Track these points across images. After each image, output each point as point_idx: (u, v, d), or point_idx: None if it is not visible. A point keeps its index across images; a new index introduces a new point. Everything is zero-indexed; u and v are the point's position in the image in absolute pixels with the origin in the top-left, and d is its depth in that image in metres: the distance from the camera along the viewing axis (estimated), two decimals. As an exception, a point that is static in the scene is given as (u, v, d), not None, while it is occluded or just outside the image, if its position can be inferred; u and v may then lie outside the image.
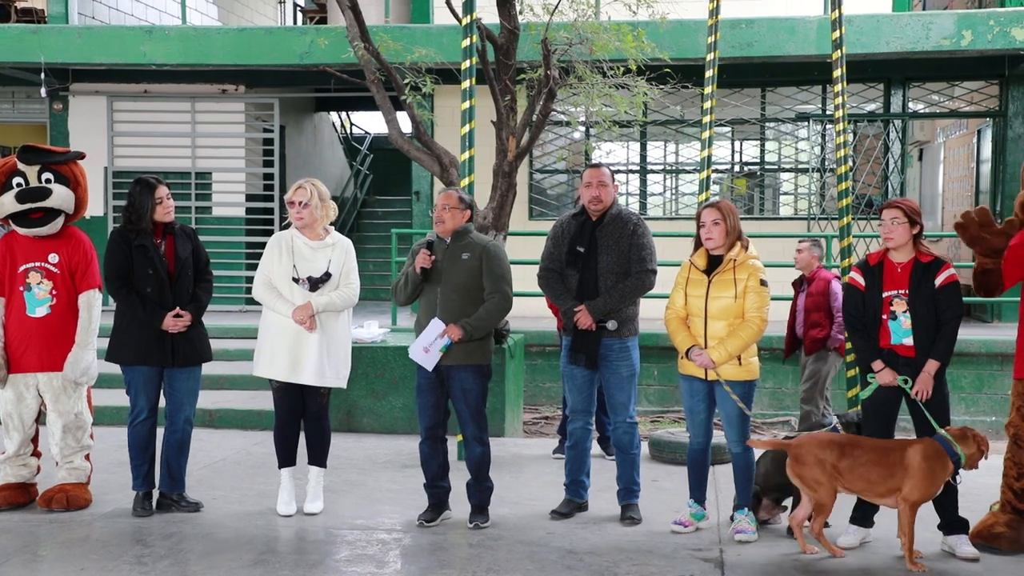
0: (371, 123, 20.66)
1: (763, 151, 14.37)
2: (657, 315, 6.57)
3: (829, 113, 12.79)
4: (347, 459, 7.51)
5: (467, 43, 7.22)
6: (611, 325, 5.85)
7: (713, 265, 5.65)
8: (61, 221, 6.12)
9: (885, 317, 5.42)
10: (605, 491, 6.29)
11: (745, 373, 5.62)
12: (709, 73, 7.87)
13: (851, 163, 7.92)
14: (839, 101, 7.54)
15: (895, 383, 5.37)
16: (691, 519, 5.80)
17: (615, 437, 6.08)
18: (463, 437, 6.02)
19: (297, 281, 5.89)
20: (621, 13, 9.46)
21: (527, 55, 9.36)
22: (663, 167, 14.43)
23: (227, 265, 13.39)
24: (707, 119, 7.86)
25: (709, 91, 7.87)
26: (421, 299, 5.87)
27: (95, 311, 6.13)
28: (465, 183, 7.28)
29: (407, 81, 9.13)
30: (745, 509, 5.69)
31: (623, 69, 8.99)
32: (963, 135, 15.13)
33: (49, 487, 6.15)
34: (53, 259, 6.06)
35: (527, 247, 10.47)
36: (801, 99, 13.71)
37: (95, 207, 13.45)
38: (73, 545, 5.48)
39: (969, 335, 10.45)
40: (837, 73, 7.52)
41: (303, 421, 6.11)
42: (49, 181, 6.09)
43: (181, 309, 5.94)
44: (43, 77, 12.81)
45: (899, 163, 13.61)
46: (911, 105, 13.60)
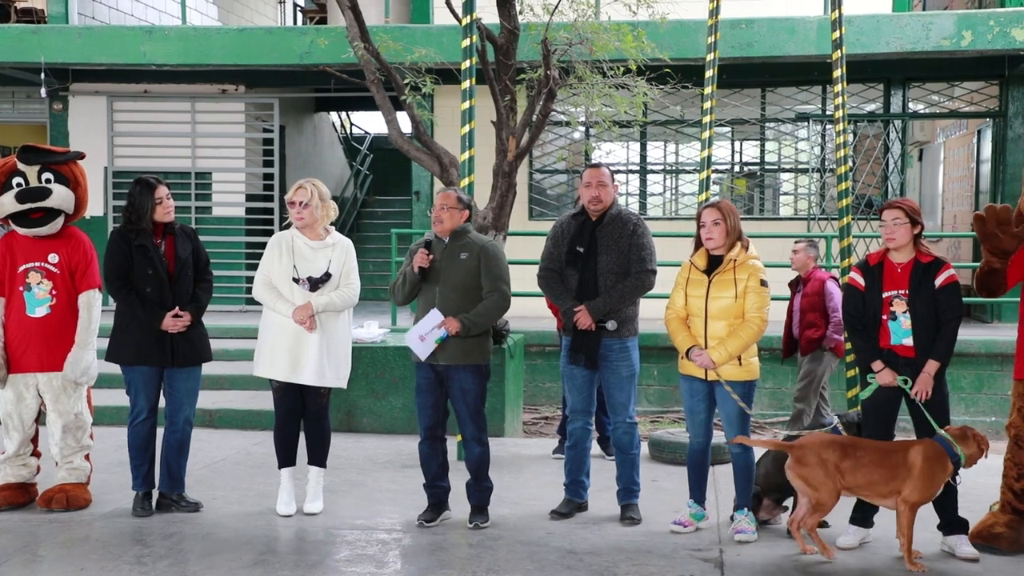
0: (371, 123, 20.66)
1: (763, 151, 14.37)
2: (657, 315, 6.56)
3: (829, 113, 12.79)
4: (347, 459, 7.51)
5: (467, 43, 7.21)
6: (611, 325, 5.84)
7: (713, 265, 5.65)
8: (61, 221, 6.12)
9: (885, 317, 5.42)
10: (605, 491, 6.28)
11: (745, 373, 5.62)
12: (709, 73, 7.86)
13: (851, 163, 7.91)
14: (839, 101, 7.54)
15: (895, 383, 5.37)
16: (691, 519, 5.80)
17: (615, 437, 6.08)
18: (462, 437, 6.02)
19: (297, 281, 5.89)
20: (621, 13, 9.45)
21: (527, 55, 9.36)
22: (663, 167, 14.43)
23: (227, 265, 13.38)
24: (707, 119, 7.85)
25: (709, 91, 7.87)
26: (419, 299, 5.87)
27: (95, 311, 6.13)
28: (465, 183, 7.28)
29: (407, 81, 9.13)
30: (745, 509, 5.69)
31: (623, 69, 8.99)
32: (963, 135, 15.13)
33: (49, 487, 6.15)
34: (53, 259, 6.06)
35: (527, 247, 10.47)
36: (801, 99, 13.71)
37: (95, 207, 13.45)
38: (73, 545, 5.48)
39: (969, 335, 10.45)
40: (837, 73, 7.52)
41: (303, 421, 6.12)
42: (49, 181, 6.09)
43: (181, 309, 5.93)
44: (43, 77, 12.81)
45: (899, 163, 13.61)
46: (911, 105, 13.60)
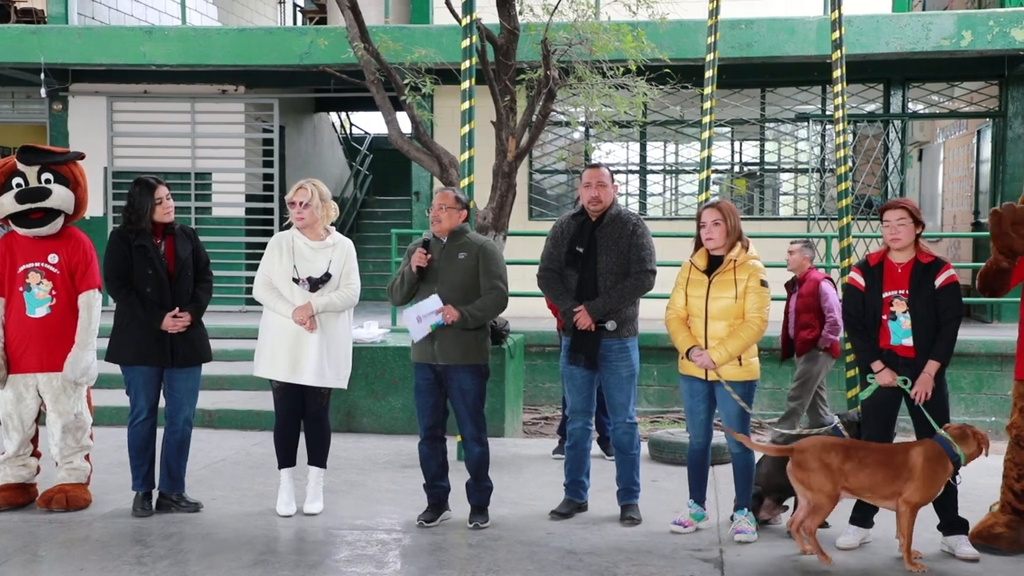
0: (371, 123, 20.65)
1: (763, 151, 14.37)
2: (657, 315, 6.56)
3: (829, 113, 12.79)
4: (347, 459, 7.51)
5: (467, 43, 7.21)
6: (610, 325, 5.84)
7: (713, 265, 5.65)
8: (61, 221, 6.11)
9: (885, 317, 5.42)
10: (605, 491, 6.28)
11: (745, 373, 5.62)
12: (709, 73, 7.86)
13: (851, 163, 7.90)
14: (839, 101, 7.53)
15: (895, 384, 5.37)
16: (691, 519, 5.80)
17: (615, 437, 6.07)
18: (462, 437, 6.02)
19: (297, 281, 5.89)
20: (621, 13, 9.45)
21: (527, 55, 9.35)
22: (663, 167, 14.43)
23: (227, 265, 13.39)
24: (707, 119, 7.85)
25: (709, 91, 7.86)
26: (417, 298, 5.87)
27: (95, 311, 6.13)
28: (465, 183, 7.28)
29: (407, 81, 9.13)
30: (745, 509, 5.69)
31: (623, 69, 8.99)
32: (963, 135, 15.13)
33: (49, 487, 6.15)
34: (53, 259, 6.06)
35: (527, 247, 10.47)
36: (801, 99, 13.71)
37: (95, 207, 13.44)
38: (73, 545, 5.48)
39: (969, 335, 10.45)
40: (837, 73, 7.52)
41: (303, 421, 6.12)
42: (49, 181, 6.09)
43: (181, 309, 5.93)
44: (43, 77, 12.81)
45: (899, 163, 13.61)
46: (911, 105, 13.60)
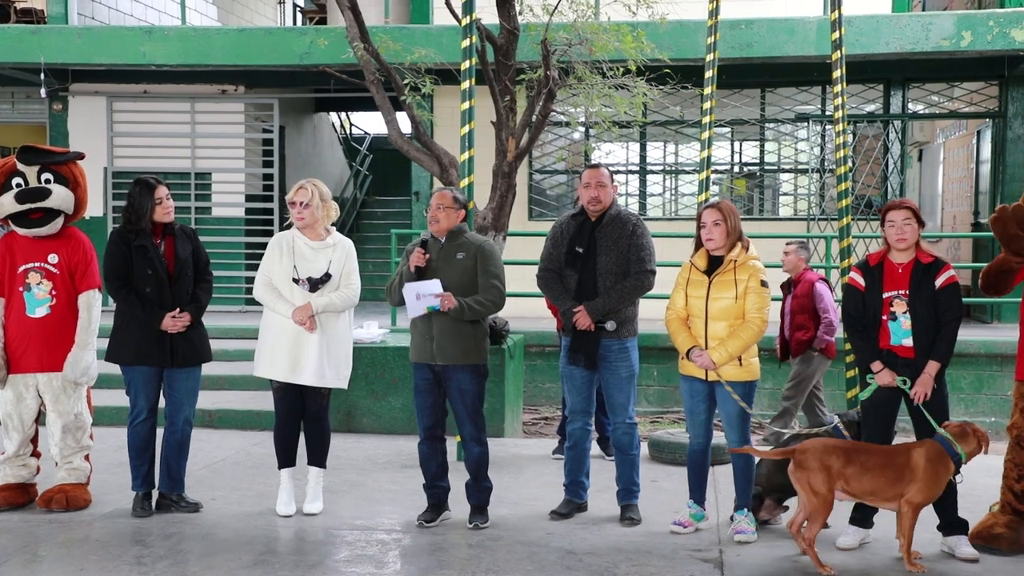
0: (371, 123, 20.65)
1: (763, 152, 14.36)
2: (657, 315, 6.56)
3: (829, 114, 12.78)
4: (347, 459, 7.51)
5: (467, 44, 7.21)
6: (610, 326, 5.84)
7: (714, 266, 5.65)
8: (61, 221, 6.12)
9: (885, 318, 5.42)
10: (604, 492, 6.28)
11: (746, 374, 5.62)
12: (709, 74, 7.86)
13: (851, 164, 7.90)
14: (839, 102, 7.53)
15: (894, 384, 5.37)
16: (691, 520, 5.79)
17: (614, 438, 6.07)
18: (461, 437, 6.01)
19: (297, 282, 5.89)
20: (621, 14, 9.45)
21: (527, 56, 9.35)
22: (663, 168, 14.43)
23: (227, 265, 13.39)
24: (707, 120, 7.85)
25: (709, 92, 7.86)
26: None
27: (95, 311, 6.13)
28: (465, 184, 7.27)
29: (407, 82, 9.13)
30: (745, 510, 5.69)
31: (623, 70, 8.99)
32: (963, 136, 15.13)
33: (49, 487, 6.15)
34: (53, 259, 6.06)
35: (527, 248, 10.47)
36: (801, 100, 13.71)
37: (95, 207, 13.43)
38: (73, 545, 5.48)
39: (969, 336, 10.45)
40: (837, 74, 7.51)
41: (303, 422, 6.11)
42: (49, 181, 6.09)
43: (181, 310, 5.93)
44: (43, 77, 12.81)
45: (899, 164, 13.61)
46: (911, 106, 13.59)
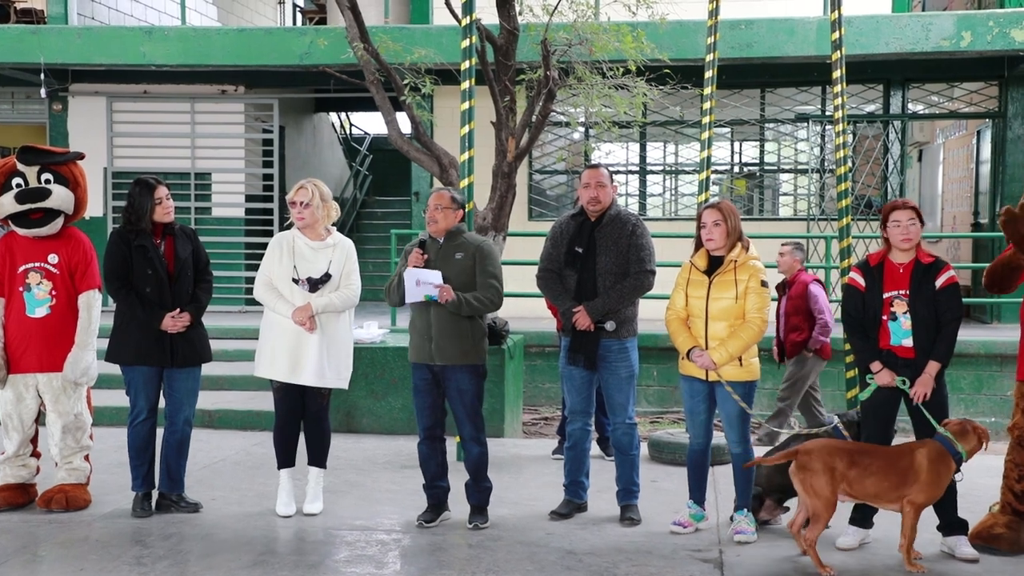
0: (370, 124, 20.65)
1: (762, 152, 14.36)
2: (656, 316, 6.56)
3: (828, 114, 12.79)
4: (346, 460, 7.51)
5: (466, 44, 7.21)
6: (609, 326, 5.84)
7: (714, 266, 5.65)
8: (61, 222, 6.11)
9: (885, 318, 5.42)
10: (604, 492, 6.28)
11: (746, 374, 5.61)
12: (708, 74, 7.86)
13: (850, 164, 7.89)
14: (838, 102, 7.53)
15: (894, 384, 5.37)
16: (690, 520, 5.79)
17: (614, 438, 6.07)
18: (460, 438, 6.01)
19: (297, 282, 5.88)
20: (620, 14, 9.45)
21: (526, 56, 9.36)
22: (662, 168, 14.43)
23: (227, 266, 13.39)
24: (706, 120, 7.85)
25: (708, 92, 7.86)
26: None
27: (95, 311, 6.13)
28: (464, 184, 7.27)
29: (406, 82, 9.13)
30: (744, 510, 5.69)
31: (622, 70, 8.99)
32: (962, 136, 15.13)
33: (48, 488, 6.15)
34: (53, 259, 6.05)
35: (526, 248, 10.47)
36: (800, 100, 13.71)
37: (95, 208, 13.42)
38: (72, 546, 5.48)
39: (968, 336, 10.45)
40: (836, 74, 7.51)
41: (303, 422, 6.11)
42: (49, 182, 6.09)
43: (181, 310, 5.93)
44: (43, 78, 12.82)
45: (898, 164, 13.61)
46: (910, 106, 13.60)
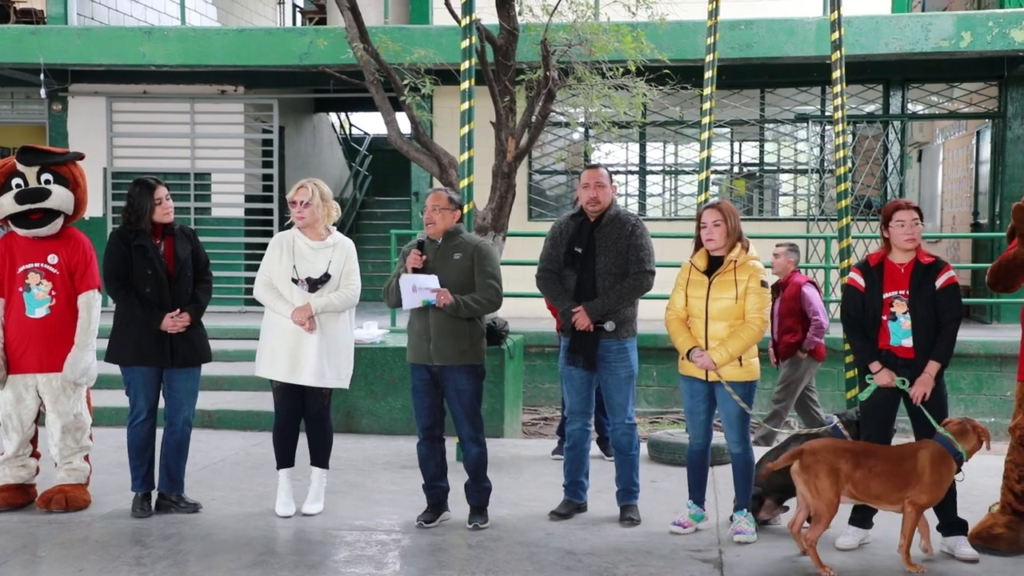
0: (370, 124, 20.64)
1: (762, 152, 14.37)
2: (656, 316, 6.56)
3: (828, 114, 12.79)
4: (346, 460, 7.51)
5: (466, 44, 7.21)
6: (609, 326, 5.84)
7: (714, 266, 5.65)
8: (60, 222, 6.11)
9: (885, 318, 5.42)
10: (604, 492, 6.28)
11: (746, 374, 5.61)
12: (708, 74, 7.86)
13: (850, 164, 7.89)
14: (838, 102, 7.53)
15: (893, 384, 5.37)
16: (690, 520, 5.79)
17: (614, 438, 6.07)
18: (459, 438, 6.01)
19: (296, 282, 5.88)
20: (620, 14, 9.45)
21: (526, 56, 9.36)
22: (662, 168, 14.43)
23: (226, 266, 13.39)
24: (706, 120, 7.84)
25: (708, 92, 7.86)
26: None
27: (94, 312, 6.13)
28: (464, 184, 7.27)
29: (406, 82, 9.13)
30: (744, 510, 5.69)
31: (622, 70, 8.99)
32: (962, 136, 15.14)
33: (48, 488, 6.15)
34: (52, 260, 6.05)
35: (526, 248, 10.46)
36: (800, 100, 13.71)
37: (94, 208, 13.41)
38: (72, 546, 5.47)
39: (968, 336, 10.46)
40: (836, 74, 7.51)
41: (304, 422, 6.11)
42: (48, 182, 6.09)
43: (180, 310, 5.93)
44: (42, 78, 12.82)
45: (898, 164, 13.61)
46: (910, 106, 13.60)
